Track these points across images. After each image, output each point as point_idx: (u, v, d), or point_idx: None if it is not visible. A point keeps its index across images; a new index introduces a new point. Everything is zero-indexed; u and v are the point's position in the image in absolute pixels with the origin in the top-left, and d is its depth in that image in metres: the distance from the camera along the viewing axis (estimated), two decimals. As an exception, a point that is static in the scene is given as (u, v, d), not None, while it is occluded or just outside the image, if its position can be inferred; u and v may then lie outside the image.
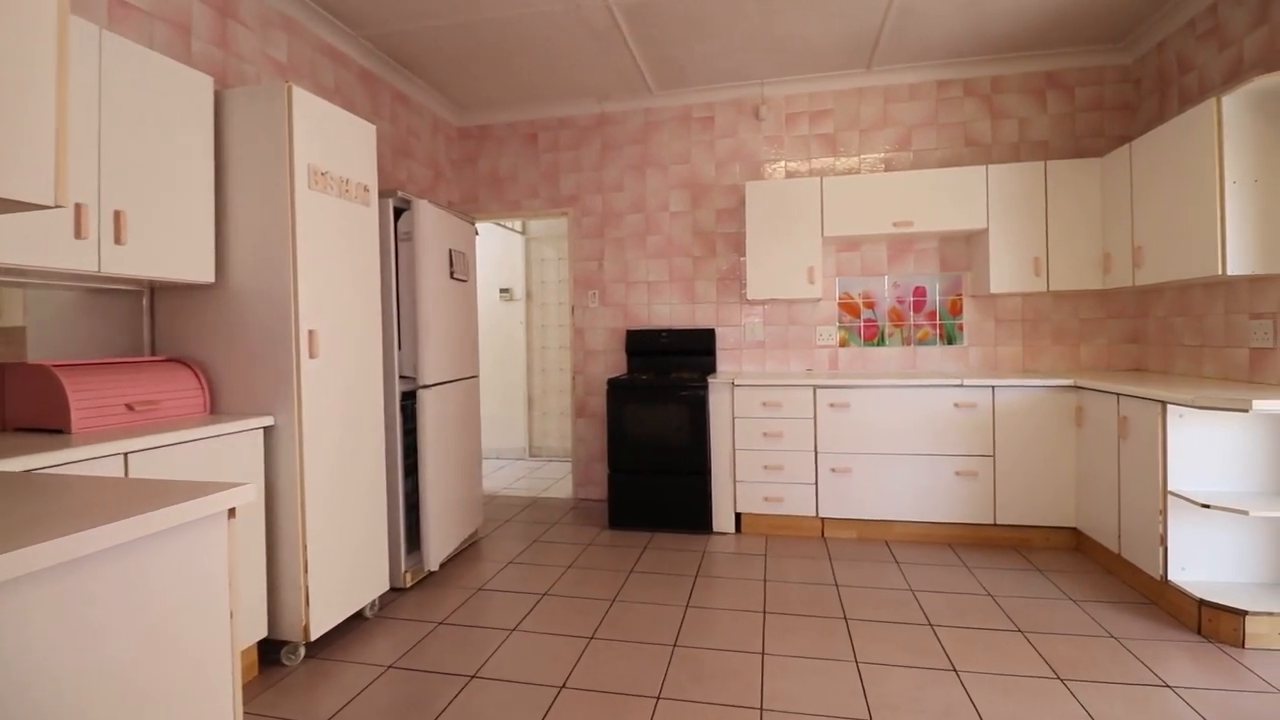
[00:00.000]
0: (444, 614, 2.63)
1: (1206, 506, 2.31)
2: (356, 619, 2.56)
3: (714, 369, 4.10)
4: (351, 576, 2.42)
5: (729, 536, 3.56)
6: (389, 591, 2.82)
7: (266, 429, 2.19)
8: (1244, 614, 2.23)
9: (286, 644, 2.23)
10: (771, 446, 3.54)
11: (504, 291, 5.99)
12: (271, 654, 2.23)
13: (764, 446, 3.55)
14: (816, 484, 3.49)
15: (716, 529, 3.62)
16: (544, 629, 2.48)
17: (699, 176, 4.23)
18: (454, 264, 3.19)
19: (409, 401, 2.93)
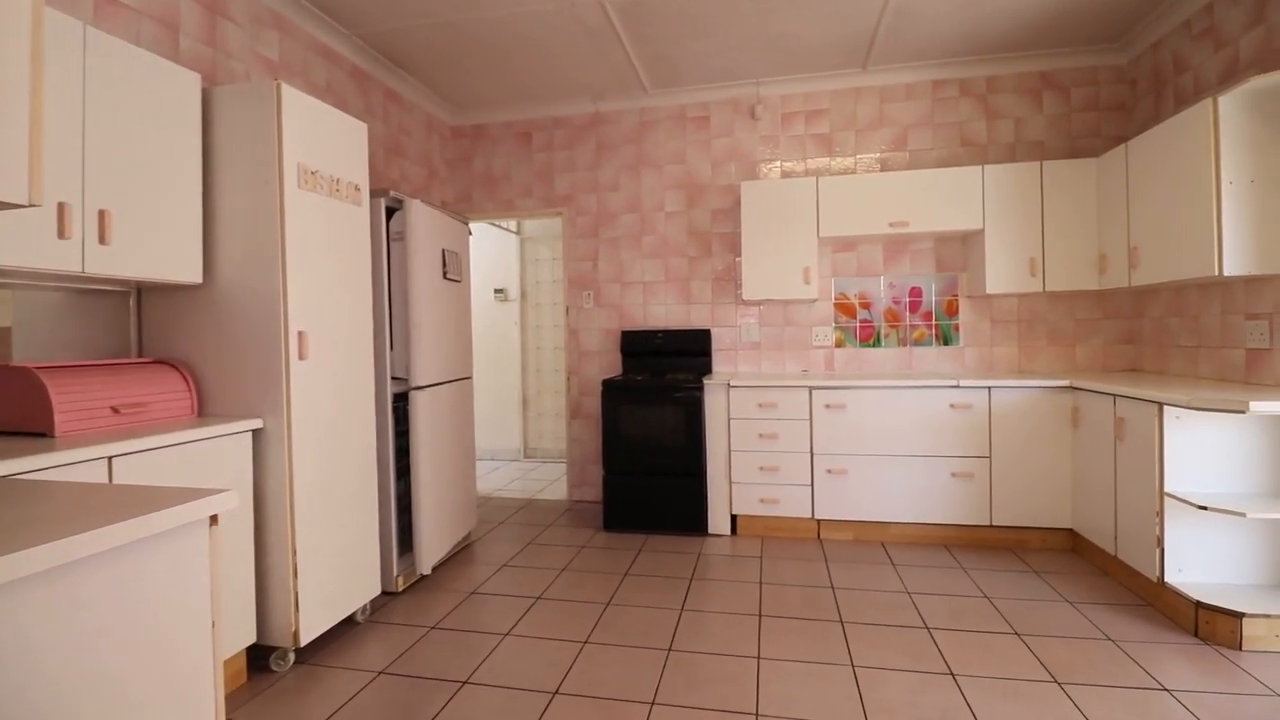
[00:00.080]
0: (436, 618, 2.60)
1: (1204, 508, 2.30)
2: (347, 623, 2.53)
3: (709, 370, 4.08)
4: (342, 580, 2.39)
5: (724, 538, 3.54)
6: (381, 595, 2.79)
7: (255, 432, 2.16)
8: (1241, 616, 2.22)
9: (276, 650, 2.20)
10: (767, 448, 3.52)
11: (499, 292, 5.96)
12: (260, 660, 2.20)
13: (759, 448, 3.53)
14: (812, 485, 3.47)
15: (712, 531, 3.60)
16: (538, 633, 2.45)
17: (694, 176, 4.20)
18: (447, 264, 3.16)
19: (401, 403, 2.90)
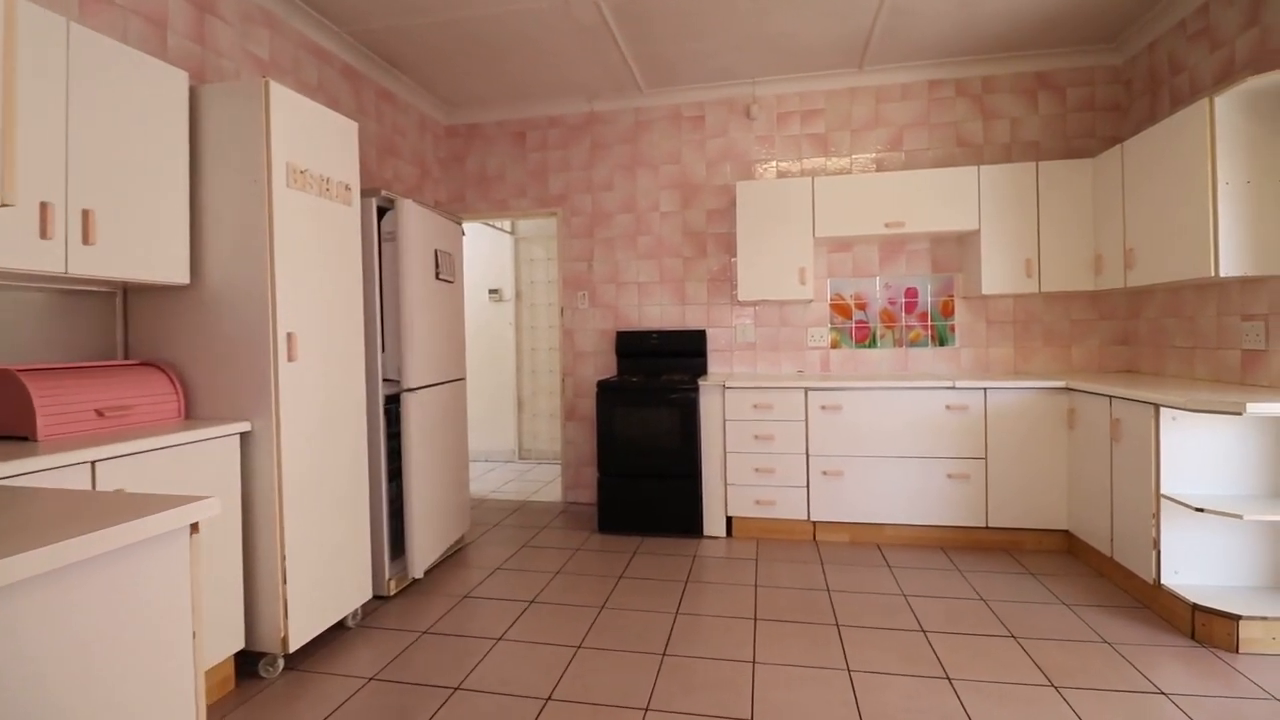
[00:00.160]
0: (428, 623, 2.57)
1: (1200, 511, 2.29)
2: (338, 628, 2.50)
3: (705, 371, 4.06)
4: (332, 585, 2.36)
5: (720, 540, 3.52)
6: (372, 600, 2.76)
7: (243, 435, 2.13)
8: (1238, 618, 2.21)
9: (265, 655, 2.16)
10: (763, 449, 3.50)
11: (493, 292, 5.92)
12: (249, 666, 2.17)
13: (755, 449, 3.51)
14: (808, 487, 3.45)
15: (707, 533, 3.58)
16: (531, 638, 2.43)
17: (690, 176, 4.18)
18: (439, 265, 3.13)
19: (393, 405, 2.87)
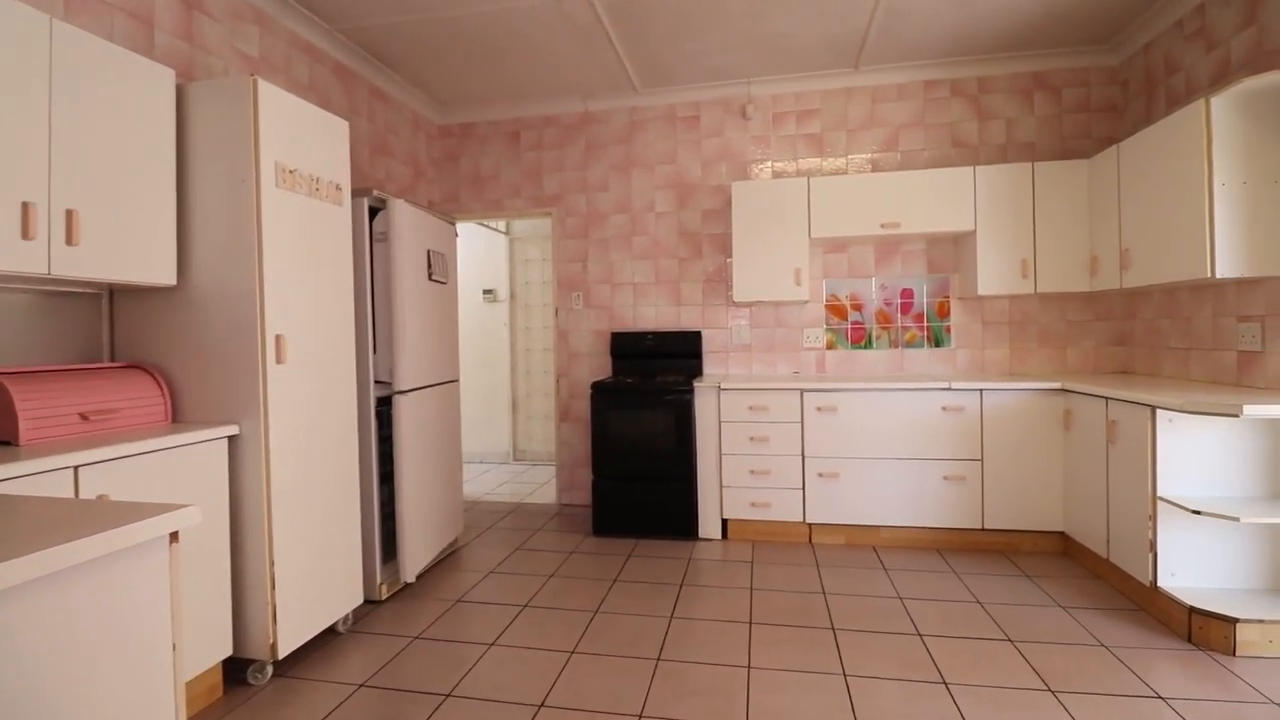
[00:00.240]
0: (420, 628, 2.54)
1: (1197, 513, 2.28)
2: (329, 634, 2.47)
3: (700, 372, 4.04)
4: (323, 590, 2.33)
5: (715, 543, 3.50)
6: (363, 604, 2.73)
7: (231, 438, 2.10)
8: (1235, 621, 2.20)
9: (253, 662, 2.13)
10: (758, 451, 3.48)
11: (488, 293, 5.89)
12: (237, 673, 2.13)
13: (750, 451, 3.49)
14: (804, 489, 3.44)
15: (702, 535, 3.56)
16: (524, 643, 2.40)
17: (685, 176, 4.16)
18: (432, 265, 3.10)
19: (385, 408, 2.84)
